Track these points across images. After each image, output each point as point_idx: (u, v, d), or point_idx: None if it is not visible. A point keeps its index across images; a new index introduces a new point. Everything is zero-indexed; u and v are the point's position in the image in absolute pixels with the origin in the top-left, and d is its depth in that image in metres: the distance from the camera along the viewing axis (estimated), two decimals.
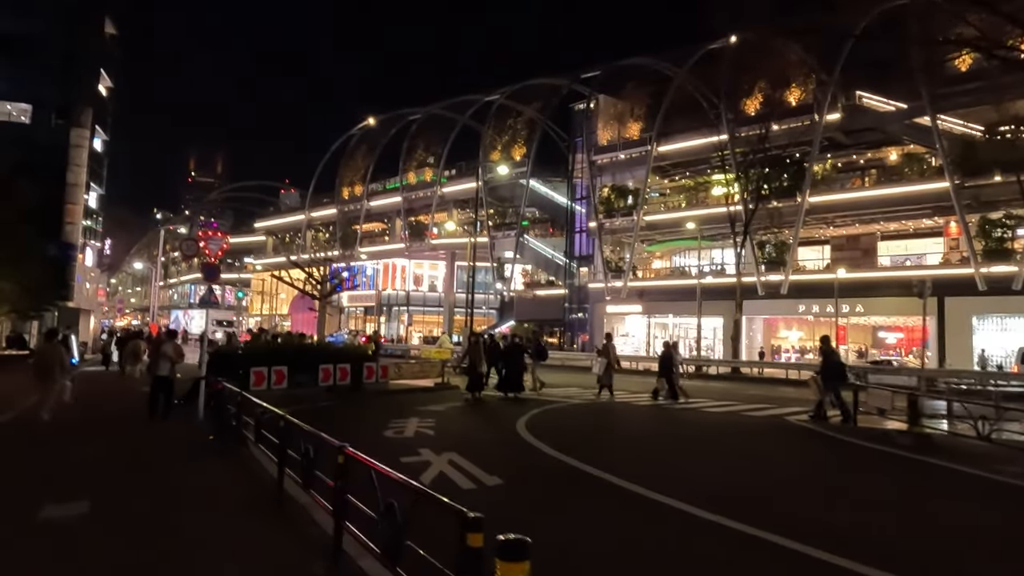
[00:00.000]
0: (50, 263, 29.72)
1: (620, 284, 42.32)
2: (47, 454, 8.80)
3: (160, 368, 11.77)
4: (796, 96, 36.06)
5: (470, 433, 11.40)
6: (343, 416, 12.91)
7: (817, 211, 35.33)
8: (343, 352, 16.31)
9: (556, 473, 8.16)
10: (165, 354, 11.79)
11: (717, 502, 6.45)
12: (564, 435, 11.11)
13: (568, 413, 14.45)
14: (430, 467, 7.86)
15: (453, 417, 13.00)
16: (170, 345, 12.00)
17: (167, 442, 9.91)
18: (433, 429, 10.92)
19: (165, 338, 12.59)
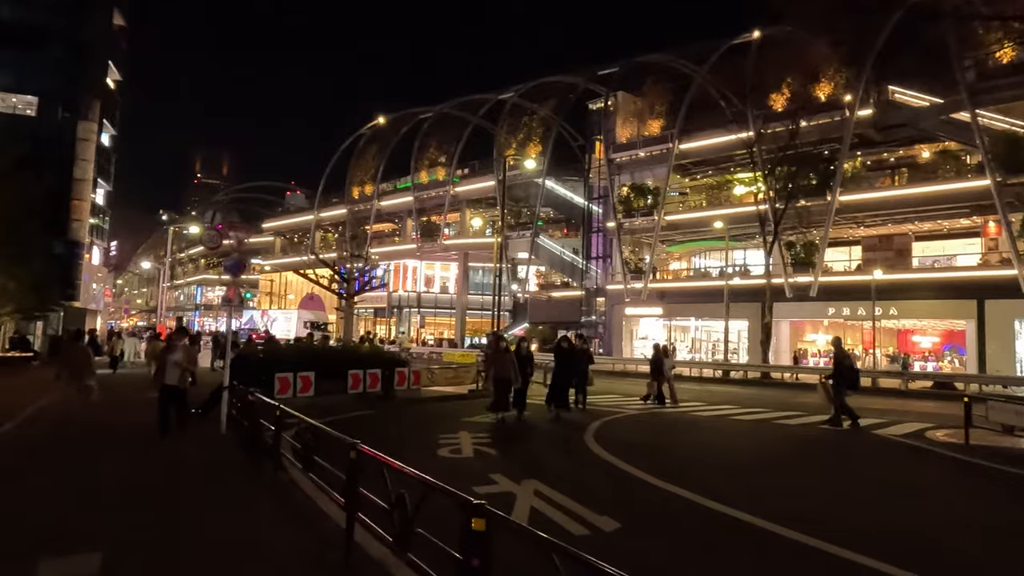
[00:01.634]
0: (56, 261, 28.73)
1: (640, 285, 41.09)
2: (50, 480, 7.48)
3: (168, 375, 10.03)
4: (825, 91, 34.84)
5: (539, 453, 10.09)
6: (383, 430, 11.48)
7: (847, 210, 34.10)
8: (372, 357, 15.10)
9: (679, 511, 6.75)
10: (174, 359, 10.03)
11: (921, 559, 5.20)
12: (653, 456, 9.80)
13: (634, 426, 13.13)
14: (516, 501, 6.52)
15: (509, 431, 11.73)
16: (181, 349, 10.15)
17: (190, 466, 8.49)
18: (492, 447, 9.67)
19: (175, 340, 10.53)
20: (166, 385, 10.02)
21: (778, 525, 6.00)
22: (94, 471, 7.84)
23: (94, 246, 39.32)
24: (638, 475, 8.18)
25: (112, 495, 6.77)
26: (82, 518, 5.94)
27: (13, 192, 24.14)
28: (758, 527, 6.03)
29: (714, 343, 41.05)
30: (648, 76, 43.22)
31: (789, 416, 15.22)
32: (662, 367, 16.75)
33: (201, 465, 8.39)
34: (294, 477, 7.01)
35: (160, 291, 54.81)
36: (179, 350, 10.13)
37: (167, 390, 10.01)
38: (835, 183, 33.50)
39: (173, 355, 10.06)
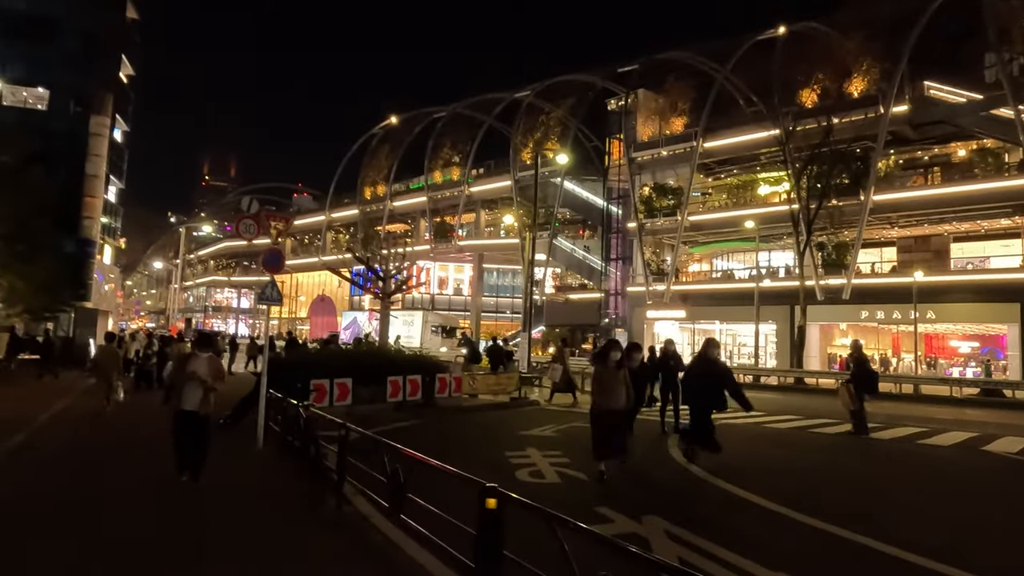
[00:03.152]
0: (66, 260, 27.82)
1: (663, 287, 39.99)
2: (76, 541, 5.53)
3: (186, 397, 7.21)
4: (858, 87, 33.74)
5: (638, 478, 8.54)
6: (439, 446, 9.86)
7: (880, 210, 32.98)
8: (412, 362, 14.01)
9: (873, 565, 5.42)
10: (195, 374, 7.20)
11: None
12: (759, 476, 8.51)
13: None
14: (653, 548, 5.15)
15: (578, 446, 10.02)
16: (204, 360, 7.35)
17: (231, 495, 6.96)
18: (575, 468, 8.25)
19: (195, 348, 7.89)
20: (183, 412, 7.15)
21: None
22: (116, 512, 6.27)
23: (105, 245, 38.45)
24: (771, 507, 6.93)
25: (142, 542, 5.36)
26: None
27: (23, 188, 23.30)
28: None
29: (738, 347, 39.92)
30: (670, 73, 42.21)
31: (830, 423, 14.08)
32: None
33: (245, 494, 7.00)
34: (365, 513, 5.84)
35: (173, 292, 53.93)
36: (202, 362, 7.30)
37: (184, 418, 7.14)
38: (869, 182, 32.39)
39: (194, 369, 7.23)
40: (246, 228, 9.03)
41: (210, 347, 7.72)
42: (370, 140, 62.74)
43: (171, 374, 8.50)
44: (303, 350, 15.80)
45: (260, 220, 9.07)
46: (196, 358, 7.45)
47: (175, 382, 7.56)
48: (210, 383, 7.28)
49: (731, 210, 38.82)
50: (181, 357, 7.94)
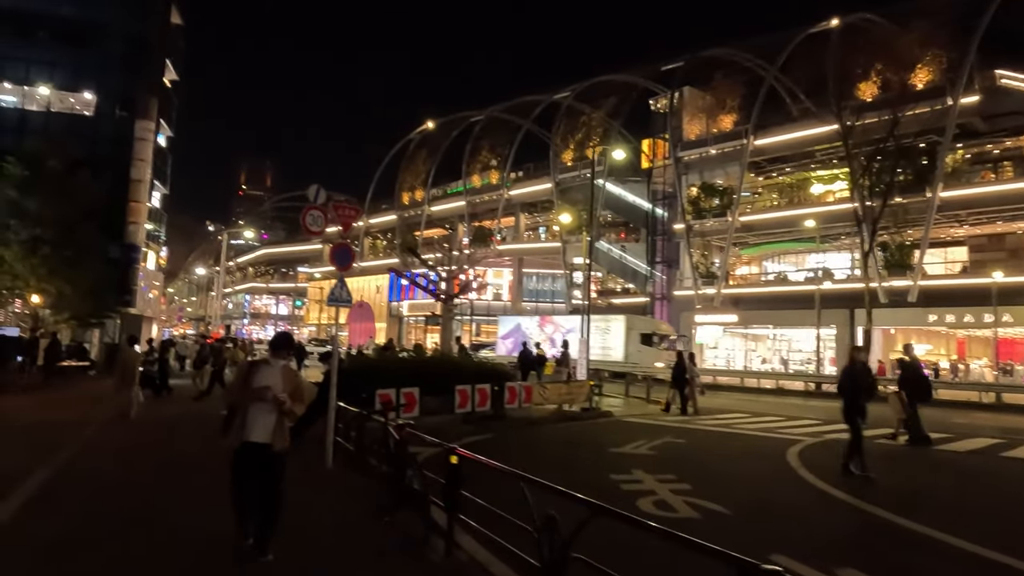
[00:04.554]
0: (112, 266, 27.64)
1: (713, 291, 38.52)
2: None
3: (253, 424, 5.04)
4: (923, 79, 31.98)
5: (775, 503, 7.44)
6: (521, 464, 8.21)
7: (949, 207, 31.18)
8: (478, 370, 13.05)
9: None
10: (267, 391, 5.03)
11: None
12: (941, 510, 7.38)
13: (827, 453, 10.74)
14: None
15: (689, 468, 9.05)
16: (278, 371, 5.21)
17: (310, 528, 5.70)
18: (705, 497, 7.00)
19: (276, 356, 5.41)
20: (249, 445, 4.97)
21: None
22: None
23: (149, 251, 38.52)
24: (964, 546, 5.78)
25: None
26: None
27: (70, 193, 23.14)
28: None
29: (792, 353, 38.26)
30: (717, 70, 40.86)
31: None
32: (684, 375, 16.19)
33: (326, 529, 5.77)
34: (483, 562, 4.75)
35: (217, 298, 54.12)
36: (275, 374, 5.12)
37: (250, 454, 4.97)
38: (937, 178, 30.63)
39: (265, 385, 5.03)
40: (314, 220, 8.14)
41: (288, 352, 5.51)
42: (407, 145, 62.40)
43: (230, 392, 5.83)
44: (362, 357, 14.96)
45: (329, 211, 8.20)
46: (267, 368, 5.15)
47: (235, 403, 5.19)
48: (288, 404, 4.97)
49: (785, 209, 37.21)
50: (244, 367, 5.41)
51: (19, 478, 7.26)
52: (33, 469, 7.74)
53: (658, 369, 29.62)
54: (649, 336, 33.53)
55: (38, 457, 8.41)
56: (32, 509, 6.34)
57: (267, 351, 5.46)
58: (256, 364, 5.34)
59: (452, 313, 18.17)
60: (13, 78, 34.66)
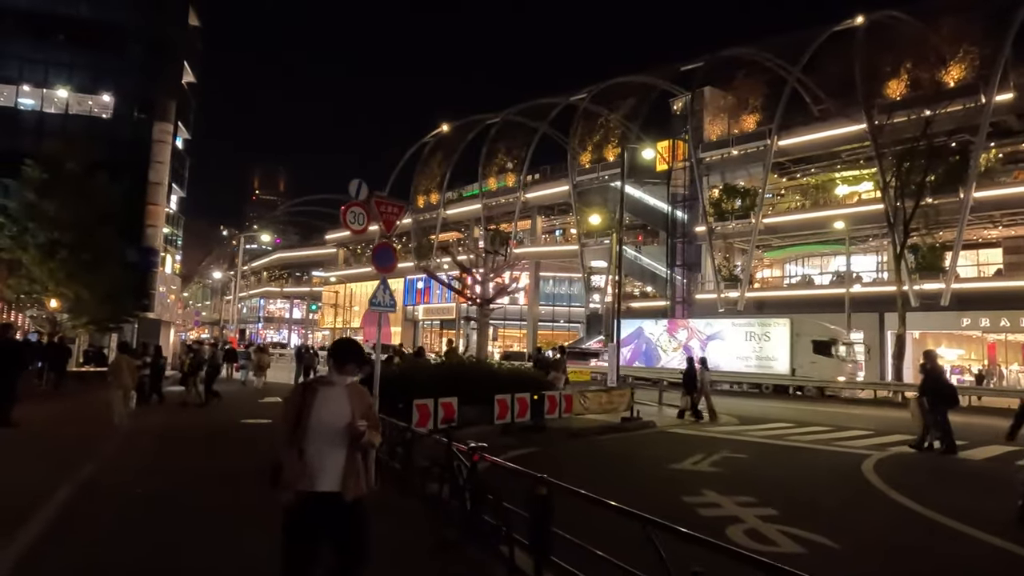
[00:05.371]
0: (130, 269, 27.33)
1: (736, 295, 37.75)
2: None
3: (317, 464, 3.64)
4: (954, 76, 31.14)
5: (878, 530, 6.73)
6: (575, 483, 7.16)
7: (982, 208, 30.30)
8: (515, 378, 12.40)
9: None
10: (335, 422, 3.69)
11: None
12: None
13: (904, 469, 10.06)
14: None
15: (766, 487, 8.36)
16: (342, 392, 3.80)
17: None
18: (797, 524, 6.26)
19: (332, 374, 3.88)
20: (312, 496, 3.61)
21: None
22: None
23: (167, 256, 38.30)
24: None
25: None
26: None
27: (88, 196, 22.84)
28: None
29: None
30: (737, 70, 40.19)
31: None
32: (695, 381, 16.00)
33: (381, 566, 4.17)
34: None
35: (231, 302, 53.90)
36: (339, 396, 3.78)
37: (313, 508, 3.62)
38: (970, 178, 29.76)
39: (335, 414, 3.71)
40: (355, 218, 7.60)
41: (358, 366, 3.94)
42: (422, 148, 62.10)
43: (282, 421, 3.85)
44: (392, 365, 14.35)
45: (370, 208, 7.67)
46: (330, 391, 3.76)
47: (292, 437, 3.66)
48: (367, 436, 3.66)
49: (811, 211, 36.39)
50: (299, 392, 3.87)
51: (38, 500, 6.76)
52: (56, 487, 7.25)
53: (840, 384, 26.24)
54: (826, 344, 27.56)
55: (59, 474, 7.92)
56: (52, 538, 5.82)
57: (330, 366, 3.86)
58: (314, 386, 3.81)
59: (487, 318, 17.48)
60: (31, 80, 34.60)
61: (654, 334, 33.62)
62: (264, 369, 23.02)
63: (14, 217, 22.95)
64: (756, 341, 28.64)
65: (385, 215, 7.66)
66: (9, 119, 34.21)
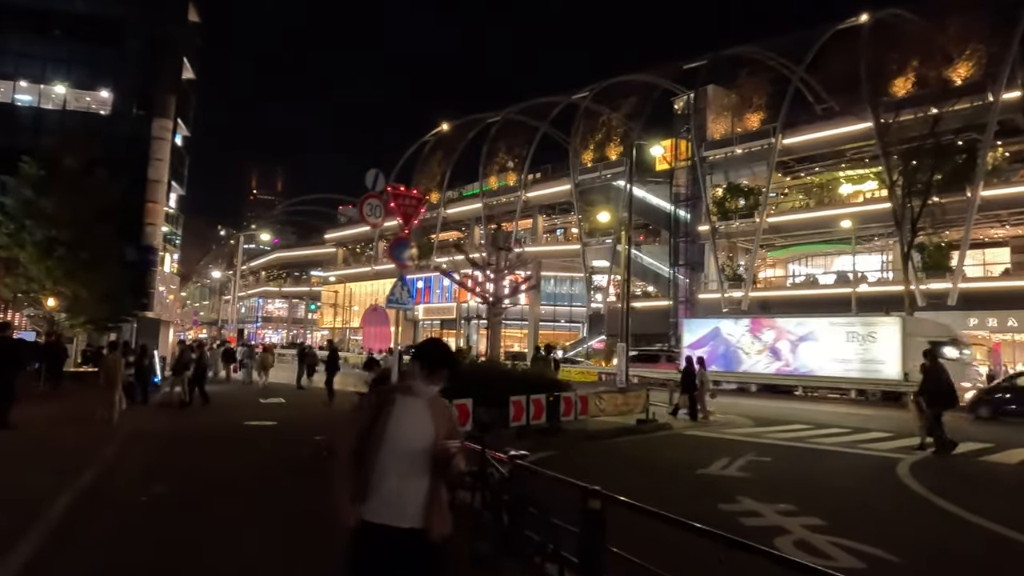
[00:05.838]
0: (129, 268, 26.92)
1: (739, 294, 37.48)
2: None
3: (390, 492, 2.90)
4: (961, 74, 30.93)
5: (946, 547, 6.22)
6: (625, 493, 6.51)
7: (989, 207, 30.09)
8: (529, 379, 12.03)
9: None
10: (417, 442, 2.95)
11: None
12: None
13: (945, 477, 9.69)
14: None
15: (806, 494, 8.08)
16: (423, 406, 3.01)
17: None
18: (849, 535, 5.88)
19: (416, 382, 3.05)
20: (385, 531, 2.88)
21: None
22: None
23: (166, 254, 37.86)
24: None
25: None
26: None
27: (86, 194, 22.44)
28: None
29: None
30: (740, 68, 40.00)
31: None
32: (693, 380, 15.78)
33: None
34: None
35: (229, 302, 53.50)
36: (421, 412, 3.00)
37: (387, 544, 2.90)
38: (977, 177, 29.54)
39: (410, 431, 2.96)
40: (372, 209, 7.26)
41: (442, 371, 3.07)
42: (422, 147, 61.78)
43: (349, 432, 3.09)
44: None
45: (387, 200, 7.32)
46: (411, 403, 3.02)
47: (363, 456, 2.96)
48: (456, 461, 3.00)
49: (815, 210, 36.14)
50: (372, 402, 3.16)
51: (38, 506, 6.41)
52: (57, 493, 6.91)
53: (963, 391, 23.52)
54: (944, 345, 23.72)
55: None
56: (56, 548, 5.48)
57: (418, 370, 3.06)
58: (391, 394, 3.08)
59: (500, 317, 17.13)
60: (28, 76, 34.12)
61: (734, 335, 30.44)
62: (268, 369, 22.89)
63: (11, 214, 22.53)
64: (859, 342, 25.87)
65: (403, 208, 7.32)
66: (6, 115, 33.72)
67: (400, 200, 7.19)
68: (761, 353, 28.78)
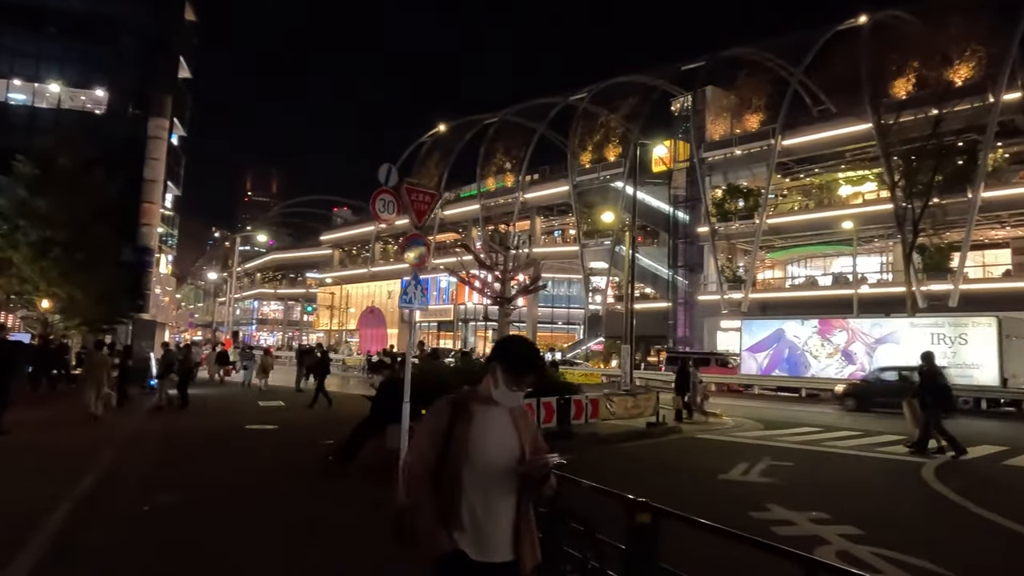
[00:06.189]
0: (125, 269, 26.59)
1: (739, 296, 37.35)
2: None
3: (478, 522, 2.50)
4: (961, 75, 30.88)
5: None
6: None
7: (990, 208, 30.03)
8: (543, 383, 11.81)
9: None
10: (503, 459, 2.55)
11: None
12: None
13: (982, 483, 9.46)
14: None
15: (825, 494, 8.00)
16: (506, 412, 2.63)
17: None
18: (890, 546, 5.60)
19: (501, 388, 2.60)
20: (481, 564, 2.49)
21: None
22: None
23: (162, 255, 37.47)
24: None
25: None
26: None
27: (81, 194, 22.15)
28: None
29: None
30: (739, 70, 39.89)
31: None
32: (687, 382, 15.94)
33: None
34: None
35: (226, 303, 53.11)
36: (505, 422, 2.63)
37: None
38: (978, 178, 29.49)
39: (500, 442, 2.57)
40: (384, 205, 7.02)
41: (531, 378, 2.64)
42: (419, 149, 61.57)
43: (421, 451, 2.59)
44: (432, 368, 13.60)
45: (401, 195, 7.09)
46: (494, 412, 2.60)
47: (439, 478, 2.52)
48: (551, 479, 2.62)
49: (816, 211, 36.05)
50: (443, 410, 2.61)
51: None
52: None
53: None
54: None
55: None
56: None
57: (500, 375, 2.59)
58: (467, 404, 2.60)
59: (508, 317, 16.89)
60: (22, 74, 33.77)
61: (800, 337, 28.40)
62: (268, 371, 22.72)
63: (5, 214, 22.25)
64: (948, 345, 24.11)
65: (416, 203, 7.09)
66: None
67: (414, 196, 6.96)
68: (832, 356, 26.96)
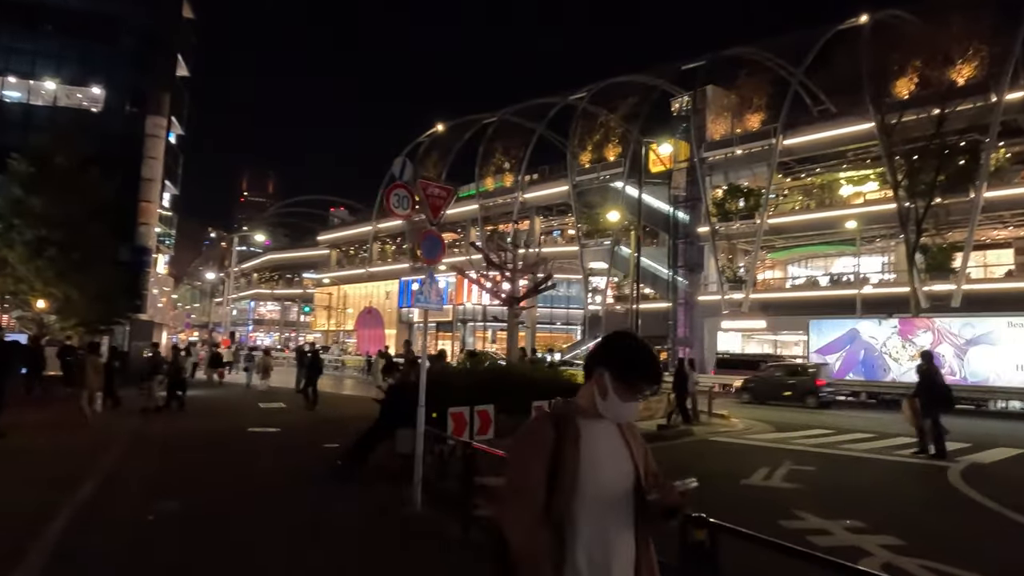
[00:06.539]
0: (122, 269, 26.27)
1: (740, 296, 37.19)
2: None
3: (608, 566, 2.07)
4: (963, 75, 30.77)
5: None
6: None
7: (993, 208, 29.94)
8: (549, 382, 11.51)
9: None
10: (620, 483, 2.17)
11: None
12: None
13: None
14: None
15: (854, 500, 7.85)
16: (615, 428, 2.23)
17: None
18: (930, 555, 5.45)
19: (603, 392, 2.14)
20: None
21: None
22: None
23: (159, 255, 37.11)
24: None
25: None
26: None
27: (78, 192, 21.84)
28: None
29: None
30: (739, 69, 39.76)
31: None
32: (685, 383, 15.64)
33: None
34: None
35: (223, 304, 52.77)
36: (615, 438, 2.23)
37: None
38: (981, 177, 29.38)
39: (613, 463, 2.19)
40: (399, 201, 6.77)
41: (648, 385, 2.26)
42: (417, 148, 61.30)
43: (522, 480, 2.07)
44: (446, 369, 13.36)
45: (416, 191, 6.84)
46: (600, 426, 2.18)
47: (549, 509, 2.04)
48: (685, 508, 2.37)
49: (818, 211, 35.91)
50: (544, 424, 2.13)
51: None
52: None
53: None
54: None
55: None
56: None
57: (609, 381, 2.14)
58: (568, 420, 2.13)
59: (518, 318, 16.66)
60: (18, 71, 33.37)
61: (877, 338, 26.67)
62: (269, 371, 22.60)
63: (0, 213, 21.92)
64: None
65: (432, 199, 6.85)
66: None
67: (429, 192, 6.73)
68: (914, 359, 26.29)
